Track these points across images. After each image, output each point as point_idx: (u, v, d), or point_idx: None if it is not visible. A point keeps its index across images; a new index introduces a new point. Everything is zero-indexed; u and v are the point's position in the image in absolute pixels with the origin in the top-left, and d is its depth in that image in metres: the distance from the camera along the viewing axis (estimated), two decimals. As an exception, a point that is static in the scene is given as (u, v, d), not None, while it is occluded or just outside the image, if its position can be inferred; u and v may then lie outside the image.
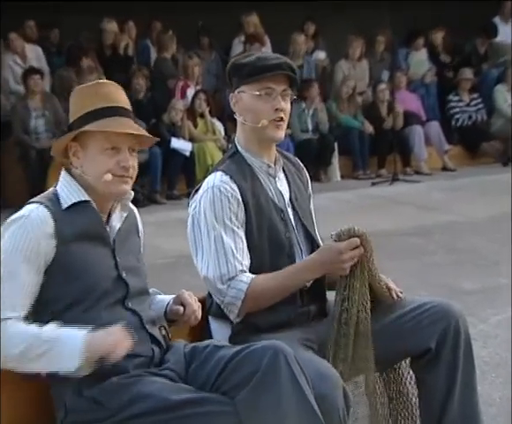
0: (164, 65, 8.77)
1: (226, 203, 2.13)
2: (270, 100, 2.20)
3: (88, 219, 1.91)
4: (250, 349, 1.82)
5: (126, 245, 1.97)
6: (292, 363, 1.79)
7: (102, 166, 1.90)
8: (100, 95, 1.92)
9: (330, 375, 1.97)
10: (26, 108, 7.52)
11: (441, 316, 2.22)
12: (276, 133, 2.23)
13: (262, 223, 2.19)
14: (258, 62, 2.19)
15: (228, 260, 2.12)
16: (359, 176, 8.84)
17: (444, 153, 9.30)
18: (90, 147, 1.91)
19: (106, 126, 1.88)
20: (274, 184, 2.27)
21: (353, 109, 9.03)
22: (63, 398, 1.83)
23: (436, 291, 4.36)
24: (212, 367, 1.85)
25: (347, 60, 9.40)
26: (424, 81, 9.74)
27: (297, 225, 2.27)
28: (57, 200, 1.91)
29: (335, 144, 8.67)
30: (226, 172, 2.19)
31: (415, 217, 6.70)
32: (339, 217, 6.62)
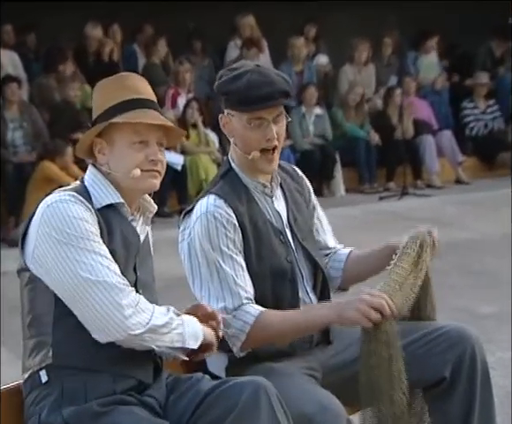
0: (153, 72, 8.80)
1: (222, 230, 2.14)
2: (261, 130, 2.19)
3: (122, 226, 1.93)
4: (229, 383, 1.84)
5: (145, 260, 2.01)
6: (274, 401, 1.81)
7: (131, 161, 1.92)
8: (125, 88, 1.94)
9: (333, 407, 1.97)
10: (3, 119, 7.52)
11: (456, 342, 2.23)
12: (268, 167, 2.23)
13: (261, 248, 2.20)
14: (248, 91, 2.16)
15: (230, 289, 2.13)
16: (366, 189, 8.86)
17: (458, 164, 9.33)
18: (117, 142, 1.93)
19: (134, 118, 1.90)
20: (270, 204, 2.28)
21: (360, 117, 9.08)
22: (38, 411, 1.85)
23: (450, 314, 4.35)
24: (189, 400, 1.87)
25: (352, 65, 9.46)
26: (435, 87, 9.79)
27: (296, 248, 2.28)
28: (89, 198, 1.91)
29: (336, 155, 8.71)
30: (220, 196, 2.19)
31: (427, 235, 6.69)
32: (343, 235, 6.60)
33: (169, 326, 1.88)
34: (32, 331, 1.88)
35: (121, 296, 1.81)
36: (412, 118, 9.00)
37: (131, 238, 1.95)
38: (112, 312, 1.80)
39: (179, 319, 1.92)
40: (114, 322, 1.80)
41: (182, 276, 2.18)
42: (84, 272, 1.80)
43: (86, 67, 8.52)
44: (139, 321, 1.82)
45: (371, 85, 9.63)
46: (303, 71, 9.27)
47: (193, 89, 8.69)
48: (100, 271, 1.81)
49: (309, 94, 8.70)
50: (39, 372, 1.86)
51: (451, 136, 9.35)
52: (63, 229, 1.82)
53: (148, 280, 2.01)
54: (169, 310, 1.92)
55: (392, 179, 8.96)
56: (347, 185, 8.80)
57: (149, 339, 1.85)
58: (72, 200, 1.86)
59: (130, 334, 1.81)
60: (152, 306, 1.88)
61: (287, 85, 2.20)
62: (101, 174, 1.96)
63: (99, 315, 1.80)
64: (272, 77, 2.20)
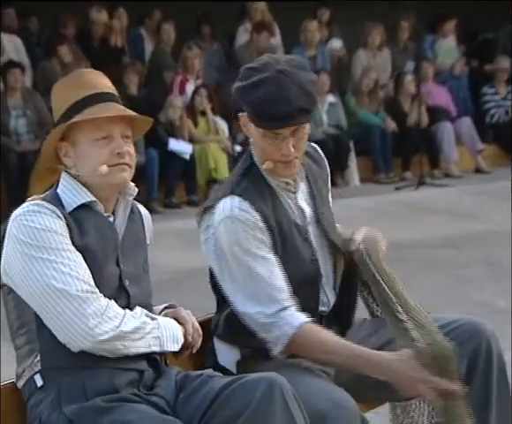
0: (161, 58, 8.80)
1: (250, 232, 2.12)
2: (277, 143, 2.14)
3: (96, 223, 1.95)
4: (243, 380, 1.85)
5: (132, 252, 2.02)
6: (288, 397, 1.82)
7: (96, 158, 1.93)
8: (81, 85, 1.96)
9: (346, 405, 1.97)
10: (5, 106, 7.53)
11: (471, 336, 2.22)
12: (286, 172, 2.19)
13: (286, 251, 2.18)
14: (263, 107, 2.09)
15: (266, 292, 2.11)
16: (381, 179, 8.84)
17: (477, 153, 9.29)
18: (80, 142, 1.95)
19: (92, 114, 1.91)
20: (294, 200, 2.25)
21: (375, 104, 9.04)
22: (39, 414, 1.88)
23: (468, 309, 4.34)
24: (201, 399, 1.88)
25: (366, 49, 9.42)
26: (453, 72, 9.73)
27: (321, 244, 2.26)
28: (60, 204, 1.95)
29: (350, 144, 8.68)
30: (244, 198, 2.15)
31: (444, 226, 6.69)
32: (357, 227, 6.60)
33: (141, 331, 1.91)
34: (20, 340, 1.94)
35: (85, 306, 1.84)
36: (426, 106, 8.95)
37: (107, 233, 1.96)
38: (76, 322, 1.84)
39: (154, 323, 1.95)
40: (79, 332, 1.84)
41: (187, 269, 2.19)
42: (48, 284, 1.85)
43: (91, 52, 8.53)
44: (105, 329, 1.85)
45: (386, 70, 9.59)
46: (316, 57, 9.24)
47: (202, 75, 8.68)
48: (64, 282, 1.85)
49: (321, 82, 8.66)
50: (33, 377, 1.90)
51: (470, 123, 9.30)
52: (26, 241, 1.87)
53: (137, 272, 2.02)
54: (142, 314, 1.94)
55: (408, 169, 8.92)
56: (361, 174, 8.78)
57: (121, 346, 1.88)
58: (38, 210, 1.90)
59: (97, 342, 1.85)
60: (122, 312, 1.90)
61: (307, 100, 2.12)
62: (71, 177, 1.98)
63: (65, 325, 1.84)
64: (291, 91, 2.10)
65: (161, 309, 2.11)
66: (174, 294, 2.30)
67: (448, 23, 9.84)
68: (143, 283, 2.04)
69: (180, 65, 8.67)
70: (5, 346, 3.74)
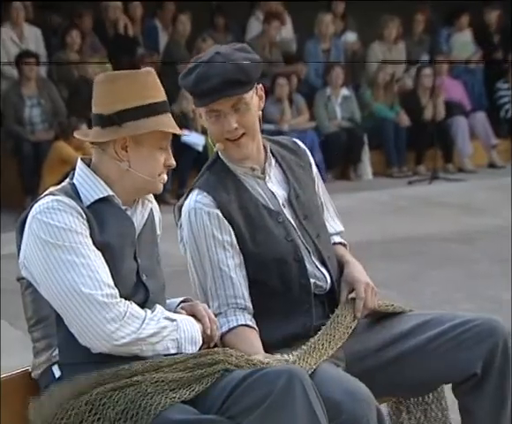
0: (176, 49, 8.79)
1: (207, 226, 2.17)
2: (218, 122, 2.19)
3: (116, 218, 1.96)
4: (263, 371, 1.85)
5: (147, 246, 2.03)
6: (309, 389, 1.82)
7: (158, 165, 2.00)
8: (149, 86, 1.98)
9: (362, 395, 1.97)
10: (20, 96, 7.57)
11: (487, 335, 2.21)
12: (237, 152, 2.22)
13: (256, 234, 2.20)
14: (196, 86, 2.18)
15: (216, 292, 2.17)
16: (394, 173, 8.81)
17: (491, 147, 9.24)
18: (146, 144, 1.97)
19: (166, 123, 1.98)
20: (263, 186, 2.27)
21: (390, 97, 9.01)
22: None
23: (481, 304, 4.34)
24: (220, 389, 1.88)
25: (381, 42, 9.38)
26: (468, 66, 9.68)
27: (298, 226, 2.27)
28: (78, 197, 1.95)
29: (364, 137, 8.66)
30: (202, 189, 2.21)
31: (457, 221, 6.67)
32: (370, 221, 6.61)
33: (159, 335, 1.92)
34: (37, 334, 1.95)
35: (106, 311, 1.85)
36: (443, 99, 8.91)
37: (125, 227, 1.97)
38: (94, 328, 1.85)
39: (173, 324, 1.95)
40: (98, 336, 1.85)
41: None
42: (68, 286, 1.85)
43: (107, 43, 8.55)
44: (123, 334, 1.86)
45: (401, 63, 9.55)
46: (330, 49, 9.21)
47: (216, 67, 8.65)
48: (84, 285, 1.85)
49: (335, 75, 8.64)
50: (51, 367, 1.92)
51: (484, 118, 9.25)
52: (47, 239, 1.87)
53: (153, 266, 2.03)
54: (162, 317, 1.94)
55: (422, 163, 8.89)
56: (374, 168, 8.75)
57: (138, 350, 1.89)
58: (58, 207, 1.90)
59: (115, 346, 1.86)
60: (142, 316, 1.91)
61: (237, 72, 2.16)
62: (88, 169, 1.99)
63: (84, 328, 1.85)
64: (222, 67, 2.16)
65: (177, 303, 2.11)
66: (186, 286, 2.30)
67: (463, 17, 9.78)
68: (158, 276, 2.05)
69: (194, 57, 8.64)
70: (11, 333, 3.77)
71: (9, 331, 4.12)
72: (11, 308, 1.98)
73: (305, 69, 8.98)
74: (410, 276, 5.12)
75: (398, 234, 6.24)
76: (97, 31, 8.64)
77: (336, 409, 1.92)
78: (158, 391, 1.83)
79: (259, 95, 2.24)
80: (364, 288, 2.24)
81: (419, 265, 5.41)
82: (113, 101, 1.97)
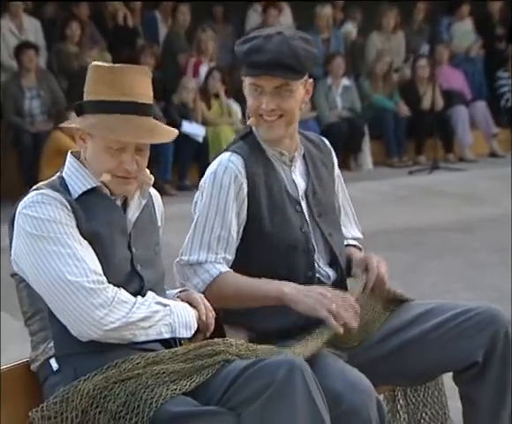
0: (176, 40, 8.78)
1: (231, 183, 2.18)
2: (258, 98, 2.20)
3: (104, 207, 1.96)
4: (264, 362, 1.85)
5: (144, 235, 2.02)
6: (309, 380, 1.82)
7: (103, 165, 1.95)
8: (122, 84, 1.93)
9: (362, 385, 1.98)
10: (20, 87, 7.56)
11: (488, 324, 2.21)
12: (266, 133, 2.23)
13: (275, 214, 2.21)
14: (249, 55, 2.18)
15: (208, 243, 2.17)
16: (394, 163, 8.80)
17: (492, 137, 9.23)
18: (95, 140, 1.96)
19: (113, 130, 1.91)
20: (288, 173, 2.28)
21: (389, 87, 9.00)
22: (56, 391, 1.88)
23: (482, 294, 4.34)
24: (221, 380, 1.88)
25: (380, 32, 9.36)
26: (469, 55, 9.66)
27: (311, 222, 2.28)
28: (66, 190, 1.95)
29: (365, 127, 8.65)
30: (237, 152, 2.22)
31: (458, 210, 6.67)
32: (371, 211, 6.60)
33: (151, 319, 1.91)
34: (34, 327, 1.94)
35: (93, 297, 1.85)
36: (441, 89, 8.89)
37: (114, 216, 1.97)
38: (82, 315, 1.85)
39: (166, 309, 1.95)
40: (86, 323, 1.85)
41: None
42: (55, 276, 1.86)
43: (106, 34, 8.53)
44: (112, 319, 1.86)
45: (400, 53, 9.53)
46: (329, 40, 9.19)
47: (215, 58, 8.66)
48: (70, 273, 1.85)
49: (336, 65, 8.62)
50: (49, 360, 1.91)
51: (485, 107, 9.24)
52: (32, 232, 1.88)
53: (149, 255, 2.03)
54: (153, 301, 1.94)
55: (422, 153, 8.88)
56: (375, 158, 8.75)
57: (130, 335, 1.89)
58: (42, 200, 1.90)
59: (104, 331, 1.86)
60: (132, 301, 1.90)
61: (291, 58, 2.15)
62: (77, 161, 2.00)
63: (72, 316, 1.86)
64: (278, 45, 2.15)
65: (174, 293, 2.11)
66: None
67: (464, 6, 9.76)
68: (155, 265, 2.04)
69: (194, 48, 8.65)
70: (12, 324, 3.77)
71: (10, 323, 4.13)
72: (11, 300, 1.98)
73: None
74: (411, 266, 5.12)
75: (398, 224, 6.24)
76: (96, 22, 8.62)
77: (337, 400, 1.93)
78: (159, 383, 1.83)
79: (306, 89, 2.25)
80: (377, 261, 2.27)
81: (420, 255, 5.41)
82: (86, 90, 1.99)
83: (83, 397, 1.81)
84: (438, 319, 2.24)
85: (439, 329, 2.23)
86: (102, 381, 1.83)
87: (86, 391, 1.82)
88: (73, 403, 1.81)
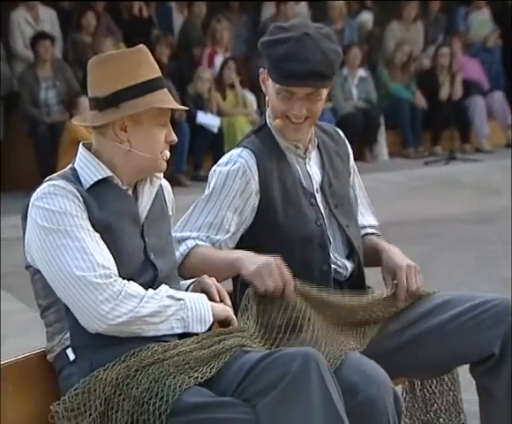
0: (192, 31, 8.77)
1: (237, 180, 2.19)
2: (290, 103, 2.19)
3: (115, 197, 1.96)
4: (278, 353, 1.84)
5: (156, 225, 2.02)
6: (324, 372, 1.82)
7: (159, 142, 1.98)
8: (141, 65, 1.96)
9: (379, 377, 1.97)
10: (36, 78, 7.58)
11: (505, 315, 2.19)
12: (293, 134, 2.24)
13: (288, 207, 2.21)
14: (282, 63, 2.15)
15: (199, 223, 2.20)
16: (410, 154, 8.76)
17: (509, 127, 9.16)
18: (145, 122, 1.96)
19: (169, 102, 1.96)
20: (303, 166, 2.27)
21: (406, 77, 8.95)
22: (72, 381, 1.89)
23: (497, 286, 4.31)
24: (236, 371, 1.87)
25: (400, 22, 9.31)
26: (486, 45, 9.59)
27: (327, 214, 2.27)
28: (78, 180, 1.95)
29: (380, 118, 8.61)
30: (248, 148, 2.22)
31: (474, 202, 6.63)
32: (386, 202, 6.58)
33: (162, 314, 1.90)
34: (50, 318, 1.95)
35: (97, 293, 1.85)
36: (461, 78, 8.84)
37: (126, 206, 1.97)
38: (89, 309, 1.85)
39: (179, 304, 1.93)
40: (93, 317, 1.85)
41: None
42: (63, 270, 1.86)
43: (122, 24, 8.54)
44: (118, 313, 1.85)
45: (418, 43, 9.48)
46: (343, 30, 9.15)
47: (231, 48, 8.64)
48: (78, 268, 1.86)
49: (352, 56, 8.58)
50: (65, 350, 1.92)
51: (503, 97, 9.18)
52: (43, 225, 1.89)
53: (161, 244, 2.02)
54: (165, 295, 1.92)
55: (438, 143, 8.84)
56: (390, 149, 8.71)
57: (139, 330, 1.88)
58: (54, 191, 1.91)
59: (111, 325, 1.85)
60: (141, 294, 1.89)
61: (327, 67, 2.16)
62: (88, 152, 1.99)
63: (79, 310, 1.86)
64: (313, 53, 2.15)
65: (187, 285, 2.11)
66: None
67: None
68: (168, 255, 2.04)
69: (209, 38, 8.64)
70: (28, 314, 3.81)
71: (26, 313, 4.17)
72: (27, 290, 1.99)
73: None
74: (426, 257, 5.10)
75: (414, 215, 6.22)
76: (112, 13, 8.63)
77: (353, 391, 1.92)
78: (180, 371, 1.84)
79: (329, 86, 2.26)
80: (405, 273, 2.23)
81: (435, 246, 5.39)
82: (108, 82, 1.96)
83: (106, 385, 1.82)
84: (455, 310, 2.23)
85: (456, 320, 2.22)
86: (124, 369, 1.84)
87: (108, 380, 1.83)
88: (96, 392, 1.82)
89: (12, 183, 7.21)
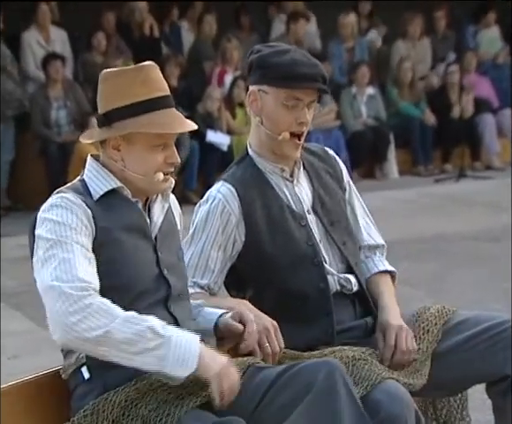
0: (202, 49, 8.81)
1: (217, 217, 2.19)
2: (296, 111, 2.19)
3: (125, 209, 1.94)
4: (300, 366, 1.81)
5: (168, 239, 2.00)
6: (350, 383, 1.80)
7: (152, 164, 1.93)
8: (146, 82, 1.91)
9: (401, 396, 1.97)
10: (47, 97, 7.64)
11: None
12: (293, 152, 2.24)
13: (276, 234, 2.20)
14: (292, 67, 2.16)
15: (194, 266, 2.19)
16: (420, 172, 8.75)
17: (519, 145, 9.15)
18: (138, 143, 1.92)
19: (162, 126, 1.90)
20: (291, 188, 2.27)
21: (415, 95, 8.95)
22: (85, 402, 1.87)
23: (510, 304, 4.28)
24: (254, 388, 1.85)
25: (405, 40, 9.33)
26: (496, 62, 9.59)
27: (322, 233, 2.26)
28: (87, 192, 1.94)
29: (390, 136, 8.61)
30: (228, 181, 2.23)
31: (485, 219, 6.60)
32: (396, 220, 6.56)
33: (138, 344, 1.77)
34: None
35: (67, 304, 1.79)
36: (472, 96, 8.84)
37: (135, 219, 1.94)
38: (56, 318, 1.79)
39: (162, 340, 1.78)
40: (60, 327, 1.79)
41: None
42: (44, 278, 1.83)
43: (132, 44, 8.59)
44: (85, 327, 1.77)
45: (426, 60, 9.49)
46: (353, 48, 9.17)
47: (240, 67, 8.68)
48: (58, 278, 1.81)
49: (361, 74, 8.60)
50: (80, 368, 1.90)
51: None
52: (40, 234, 1.87)
53: (173, 260, 1.99)
54: (148, 325, 1.80)
55: (448, 161, 8.82)
56: (400, 167, 8.70)
57: (108, 354, 1.78)
58: (61, 203, 1.89)
59: (76, 338, 1.78)
60: (117, 313, 1.79)
61: (325, 71, 2.22)
62: (98, 164, 1.98)
63: (51, 319, 1.82)
64: (314, 60, 2.21)
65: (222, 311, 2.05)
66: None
67: (490, 13, 9.70)
68: (180, 270, 2.02)
69: (219, 57, 8.69)
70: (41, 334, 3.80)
71: (37, 332, 4.16)
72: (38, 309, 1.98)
73: (330, 67, 8.97)
74: (438, 275, 5.08)
75: (425, 233, 6.19)
76: (122, 33, 8.69)
77: (375, 408, 1.92)
78: (189, 392, 1.82)
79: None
80: (395, 334, 2.16)
81: (447, 264, 5.36)
82: (105, 100, 1.96)
83: (114, 407, 1.81)
84: (473, 330, 2.22)
85: (473, 339, 2.21)
86: (134, 392, 1.83)
87: (117, 402, 1.81)
88: (104, 413, 1.81)
89: (23, 202, 7.24)
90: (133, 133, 1.91)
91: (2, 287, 5.12)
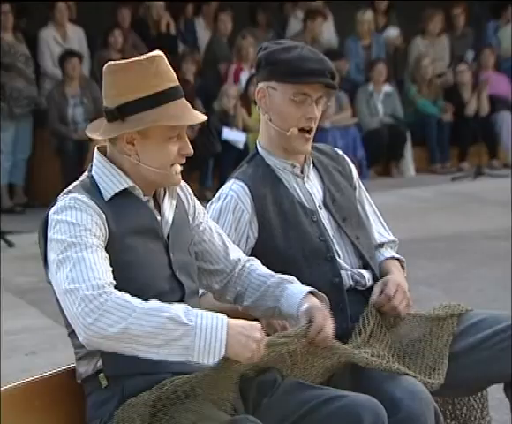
0: (218, 47, 8.82)
1: (230, 214, 2.20)
2: (304, 107, 2.21)
3: (136, 211, 1.90)
4: (344, 401, 1.81)
5: (180, 236, 1.97)
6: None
7: (168, 157, 1.89)
8: (158, 74, 1.87)
9: (421, 394, 1.97)
10: (63, 95, 7.68)
11: None
12: (304, 147, 2.26)
13: (288, 229, 2.21)
14: (300, 62, 2.18)
15: None
16: (437, 170, 8.71)
17: (537, 143, 9.09)
18: (153, 136, 1.88)
19: (177, 118, 1.87)
20: (301, 185, 2.28)
21: (434, 93, 8.92)
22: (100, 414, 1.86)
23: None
24: (294, 405, 1.84)
25: (424, 37, 9.28)
26: (514, 59, 9.53)
27: (334, 228, 2.26)
28: (97, 190, 1.90)
29: (407, 134, 8.58)
30: (240, 178, 2.24)
31: (502, 218, 6.56)
32: (413, 218, 6.54)
33: (160, 337, 1.73)
34: (78, 341, 1.83)
35: (83, 304, 1.75)
36: (488, 94, 8.79)
37: (146, 221, 1.91)
38: (76, 321, 1.76)
39: (186, 328, 1.74)
40: (80, 329, 1.76)
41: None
42: (60, 281, 1.80)
43: (148, 40, 8.62)
44: (102, 326, 1.73)
45: (444, 58, 9.44)
46: (370, 46, 9.15)
47: (257, 64, 8.67)
48: (74, 280, 1.78)
49: (378, 72, 8.58)
50: (98, 375, 1.87)
51: (531, 113, 9.10)
52: (53, 237, 1.83)
53: (185, 259, 1.96)
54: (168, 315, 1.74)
55: (465, 159, 8.78)
56: (417, 164, 8.67)
57: (131, 349, 1.74)
58: (75, 205, 1.85)
59: (97, 337, 1.74)
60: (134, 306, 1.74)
61: (333, 67, 2.23)
62: (106, 160, 1.93)
63: (72, 323, 1.79)
64: (321, 55, 2.23)
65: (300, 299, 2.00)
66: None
67: (510, 8, 9.62)
68: (190, 267, 1.99)
69: (235, 54, 8.69)
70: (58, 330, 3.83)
71: (54, 328, 4.19)
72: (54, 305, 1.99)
73: (347, 65, 8.95)
74: (455, 273, 5.06)
75: (441, 231, 6.17)
76: (139, 29, 8.72)
77: (395, 406, 1.93)
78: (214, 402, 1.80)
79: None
80: (395, 287, 2.18)
81: (464, 263, 5.34)
82: (115, 93, 1.89)
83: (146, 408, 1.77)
84: (491, 329, 2.22)
85: (491, 339, 2.20)
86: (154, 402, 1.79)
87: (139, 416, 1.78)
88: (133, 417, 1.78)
89: (39, 199, 7.29)
90: (148, 126, 1.88)
91: (19, 284, 5.16)
